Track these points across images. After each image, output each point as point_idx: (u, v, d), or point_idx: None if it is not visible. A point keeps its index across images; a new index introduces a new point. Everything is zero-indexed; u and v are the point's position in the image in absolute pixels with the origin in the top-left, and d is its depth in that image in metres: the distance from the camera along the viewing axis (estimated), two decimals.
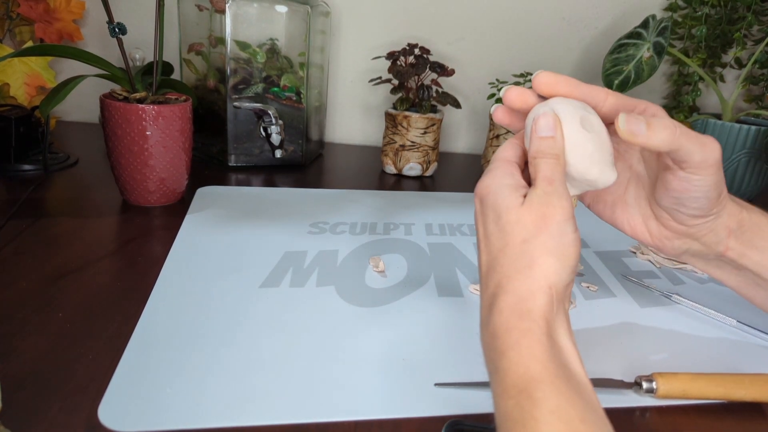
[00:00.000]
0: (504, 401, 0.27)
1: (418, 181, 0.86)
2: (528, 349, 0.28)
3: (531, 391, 0.27)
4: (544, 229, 0.32)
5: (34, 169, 0.73)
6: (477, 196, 0.36)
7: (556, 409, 0.26)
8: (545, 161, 0.34)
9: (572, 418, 0.25)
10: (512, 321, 0.30)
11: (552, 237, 0.31)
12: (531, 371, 0.27)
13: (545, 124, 0.35)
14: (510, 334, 0.29)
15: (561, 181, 0.34)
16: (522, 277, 0.31)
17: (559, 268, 0.31)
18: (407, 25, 1.02)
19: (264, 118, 0.79)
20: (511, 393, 0.27)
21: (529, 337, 0.29)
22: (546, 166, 0.34)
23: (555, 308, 0.30)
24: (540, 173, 0.34)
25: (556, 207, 0.32)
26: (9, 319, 0.41)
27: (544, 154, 0.34)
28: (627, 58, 0.84)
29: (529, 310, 0.30)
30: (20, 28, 0.89)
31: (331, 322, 0.45)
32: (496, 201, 0.34)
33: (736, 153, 0.84)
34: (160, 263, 0.52)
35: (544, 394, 0.26)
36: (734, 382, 0.39)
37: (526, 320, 0.30)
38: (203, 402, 0.35)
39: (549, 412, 0.26)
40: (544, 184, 0.33)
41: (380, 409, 0.36)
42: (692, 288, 0.57)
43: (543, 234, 0.32)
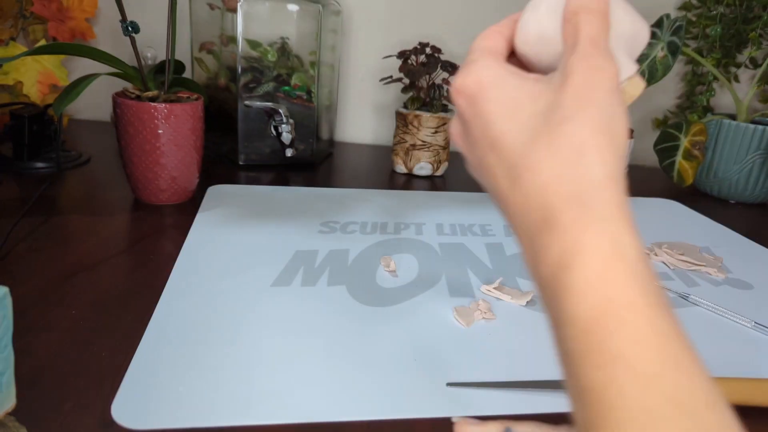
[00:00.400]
0: (543, 269, 0.22)
1: (428, 181, 0.86)
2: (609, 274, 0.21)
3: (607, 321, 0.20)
4: (589, 101, 0.24)
5: (46, 167, 0.74)
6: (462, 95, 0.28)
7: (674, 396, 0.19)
8: (589, 18, 0.26)
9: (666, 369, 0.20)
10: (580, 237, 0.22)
11: (601, 109, 0.24)
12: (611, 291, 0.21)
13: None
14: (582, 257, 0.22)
15: (605, 41, 0.26)
16: (576, 170, 0.23)
17: (614, 150, 0.23)
18: (418, 23, 1.02)
19: (275, 117, 0.79)
20: (562, 261, 0.22)
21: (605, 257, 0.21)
22: (590, 24, 0.26)
23: (627, 209, 0.23)
24: (582, 32, 0.26)
25: (605, 71, 0.25)
26: (23, 316, 0.42)
27: (589, 9, 0.26)
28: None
29: (599, 213, 0.22)
30: (33, 26, 0.90)
31: (342, 322, 0.45)
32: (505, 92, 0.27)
33: (750, 154, 0.83)
34: (171, 261, 0.52)
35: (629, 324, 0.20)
36: (752, 387, 0.38)
37: (596, 228, 0.22)
38: (215, 400, 0.35)
39: (627, 311, 0.20)
40: (587, 44, 0.25)
41: (393, 409, 0.36)
42: (707, 289, 0.56)
43: (590, 107, 0.24)
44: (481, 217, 0.71)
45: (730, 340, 0.47)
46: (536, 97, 0.26)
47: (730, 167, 0.85)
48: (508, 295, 0.50)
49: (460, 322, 0.46)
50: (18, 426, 0.31)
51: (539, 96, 0.26)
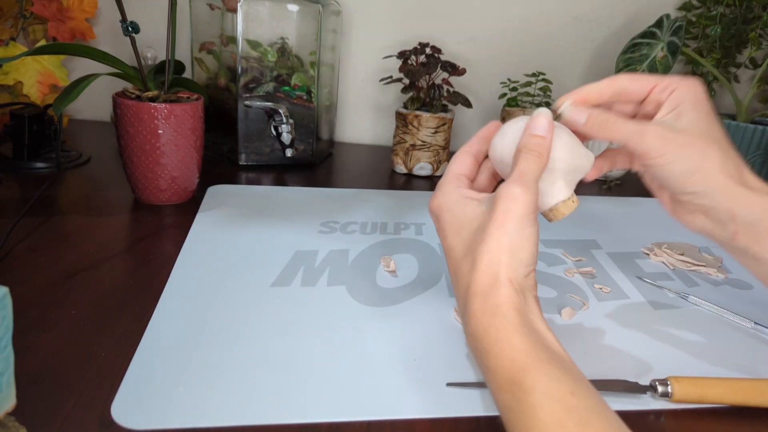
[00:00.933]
0: (501, 395, 0.30)
1: (428, 181, 0.86)
2: (508, 343, 0.30)
3: (521, 381, 0.29)
4: (503, 226, 0.33)
5: (46, 167, 0.74)
6: (432, 214, 0.38)
7: (547, 390, 0.28)
8: (526, 156, 0.36)
9: (563, 393, 0.28)
10: (486, 320, 0.32)
11: (508, 234, 0.33)
12: (516, 362, 0.29)
13: (539, 124, 0.36)
14: (488, 333, 0.31)
15: (534, 176, 0.35)
16: (484, 275, 0.33)
17: (514, 263, 0.33)
18: (418, 24, 1.02)
19: (275, 117, 0.79)
20: (504, 387, 0.29)
21: (505, 331, 0.31)
22: (525, 160, 0.35)
23: (522, 297, 0.32)
24: (516, 166, 0.35)
25: (519, 200, 0.33)
26: (23, 316, 0.42)
27: (529, 149, 0.36)
28: (641, 58, 0.83)
29: (497, 306, 0.32)
30: (33, 26, 0.90)
31: (342, 322, 0.45)
32: (454, 215, 0.36)
33: (750, 154, 0.83)
34: (171, 261, 0.52)
35: (533, 380, 0.28)
36: (752, 388, 0.38)
37: (497, 316, 0.31)
38: (215, 400, 0.35)
39: (541, 394, 0.28)
40: (515, 175, 0.35)
41: (393, 409, 0.36)
42: (707, 290, 0.56)
43: (499, 231, 0.33)
44: None
45: (730, 340, 0.47)
46: (473, 219, 0.35)
47: None
48: None
49: (460, 322, 0.46)
50: (18, 426, 0.31)
51: (475, 218, 0.35)
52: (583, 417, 0.27)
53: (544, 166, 0.36)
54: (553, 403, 0.27)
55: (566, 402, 0.27)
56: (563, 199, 0.38)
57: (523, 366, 0.29)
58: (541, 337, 0.31)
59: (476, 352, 0.32)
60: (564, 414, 0.27)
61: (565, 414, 0.27)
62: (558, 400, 0.27)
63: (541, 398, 0.27)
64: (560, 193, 0.38)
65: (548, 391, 0.28)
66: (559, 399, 0.27)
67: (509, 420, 0.29)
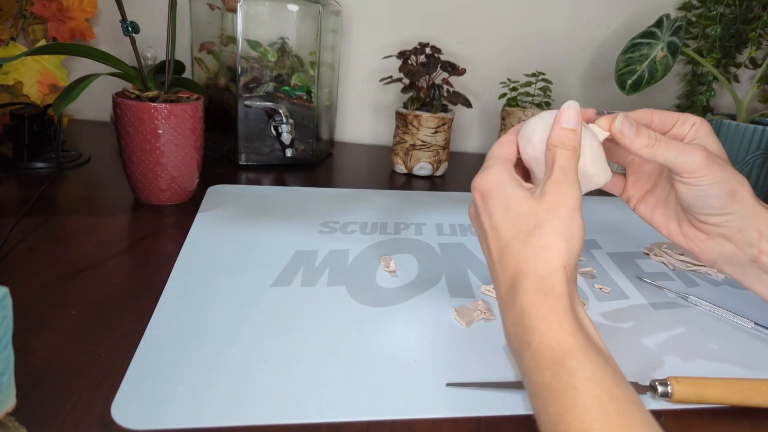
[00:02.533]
0: (539, 373, 0.30)
1: (428, 181, 0.86)
2: (558, 323, 0.31)
3: (566, 361, 0.29)
4: (556, 215, 0.34)
5: (46, 167, 0.74)
6: (477, 191, 0.38)
7: (592, 376, 0.28)
8: (563, 152, 0.36)
9: (607, 382, 0.28)
10: (538, 298, 0.32)
11: (562, 222, 0.34)
12: (563, 343, 0.30)
13: (569, 117, 0.37)
14: (538, 311, 0.32)
15: (575, 172, 0.36)
16: (540, 258, 0.33)
17: (569, 250, 0.33)
18: (418, 24, 1.02)
19: (275, 117, 0.79)
20: (545, 364, 0.29)
21: (556, 312, 0.31)
22: (563, 156, 0.36)
23: (570, 286, 0.33)
24: (557, 163, 0.36)
25: (568, 195, 0.35)
26: (23, 316, 0.42)
27: (564, 144, 0.37)
28: (641, 58, 0.83)
29: (551, 287, 0.32)
30: (33, 26, 0.90)
31: (342, 322, 0.45)
32: (504, 194, 0.36)
33: (750, 154, 0.83)
34: (171, 261, 0.52)
35: (579, 363, 0.28)
36: (752, 388, 0.38)
37: (551, 297, 0.32)
38: (215, 400, 0.35)
39: (586, 378, 0.28)
40: (559, 173, 0.36)
41: (392, 410, 0.36)
42: (707, 290, 0.56)
43: (555, 219, 0.34)
44: None
45: (730, 341, 0.47)
46: (521, 202, 0.35)
47: None
48: None
49: (460, 322, 0.46)
50: (18, 426, 0.31)
51: (524, 202, 0.35)
52: (625, 407, 0.27)
53: (578, 159, 0.37)
54: (597, 389, 0.27)
55: (610, 390, 0.27)
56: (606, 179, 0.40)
57: (569, 348, 0.29)
58: (587, 328, 0.32)
59: (519, 329, 0.32)
60: (607, 401, 0.27)
61: (608, 401, 0.27)
62: (602, 387, 0.27)
63: (586, 382, 0.28)
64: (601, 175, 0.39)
65: (593, 376, 0.28)
66: (603, 386, 0.27)
67: (545, 398, 0.29)
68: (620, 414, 0.26)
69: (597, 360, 0.29)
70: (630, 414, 0.27)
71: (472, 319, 0.46)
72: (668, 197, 0.46)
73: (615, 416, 0.26)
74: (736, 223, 0.41)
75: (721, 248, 0.43)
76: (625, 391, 0.28)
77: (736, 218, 0.41)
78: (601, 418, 0.26)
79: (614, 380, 0.28)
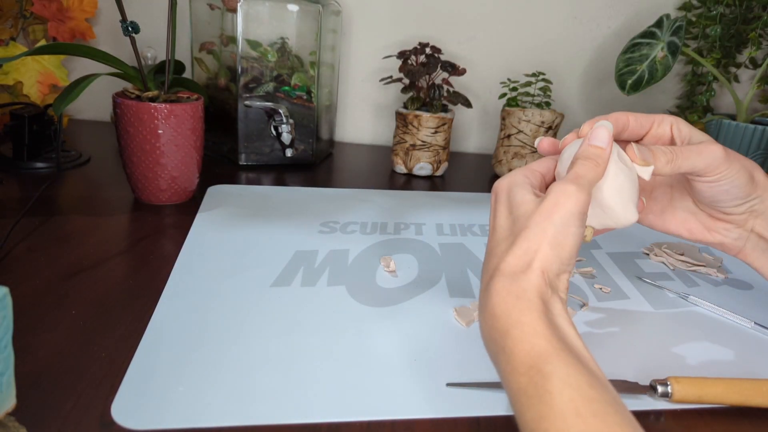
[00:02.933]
0: (515, 378, 0.29)
1: (428, 181, 0.86)
2: (530, 327, 0.30)
3: (540, 366, 0.28)
4: (548, 218, 0.33)
5: (46, 167, 0.74)
6: (493, 192, 0.38)
7: (567, 379, 0.27)
8: (583, 162, 0.35)
9: (582, 385, 0.27)
10: (510, 301, 0.31)
11: (554, 226, 0.32)
12: (537, 347, 0.29)
13: (601, 135, 0.36)
14: (510, 315, 0.31)
15: (589, 181, 0.34)
16: (518, 261, 0.32)
17: (551, 256, 0.32)
18: (418, 24, 1.02)
19: (275, 117, 0.79)
20: (521, 370, 0.29)
21: (529, 316, 0.30)
22: (582, 166, 0.35)
23: (548, 291, 0.32)
24: (573, 169, 0.35)
25: (571, 197, 0.33)
26: (23, 316, 0.42)
27: (587, 157, 0.36)
28: (641, 58, 0.83)
29: (524, 290, 0.31)
30: (33, 26, 0.90)
31: (342, 322, 0.45)
32: (510, 196, 0.36)
33: (750, 154, 0.83)
34: (171, 261, 0.52)
35: (554, 367, 0.28)
36: (752, 388, 0.38)
37: (523, 300, 0.31)
38: (215, 400, 0.35)
39: (561, 382, 0.27)
40: (571, 176, 0.34)
41: (392, 410, 0.36)
42: (707, 290, 0.56)
43: (546, 222, 0.33)
44: (480, 217, 0.71)
45: (730, 341, 0.47)
46: (523, 205, 0.35)
47: None
48: None
49: (460, 322, 0.46)
50: (18, 426, 0.31)
51: (525, 205, 0.35)
52: (600, 409, 0.27)
53: (599, 176, 0.35)
54: (572, 392, 0.27)
55: (584, 393, 0.27)
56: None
57: (543, 352, 0.29)
58: (562, 332, 0.31)
59: (492, 332, 0.32)
60: (582, 404, 0.27)
61: (582, 404, 0.27)
62: (576, 390, 0.27)
63: (560, 385, 0.27)
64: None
65: (567, 379, 0.27)
66: (578, 389, 0.27)
67: (522, 404, 0.28)
68: (596, 416, 0.26)
69: (572, 363, 0.28)
70: (606, 415, 0.26)
71: (472, 319, 0.46)
72: (673, 201, 0.45)
73: (591, 419, 0.26)
74: (760, 205, 0.42)
75: (747, 235, 0.43)
76: (601, 393, 0.27)
77: (760, 200, 0.41)
78: (577, 422, 0.26)
79: (590, 382, 0.28)
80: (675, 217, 0.45)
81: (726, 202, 0.42)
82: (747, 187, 0.40)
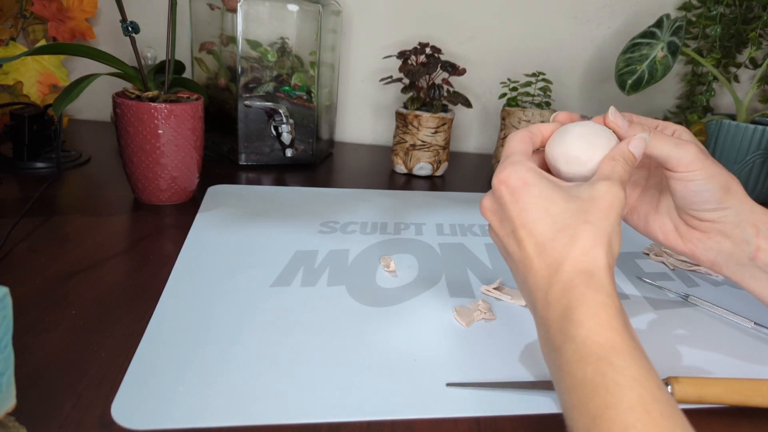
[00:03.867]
0: (581, 367, 0.30)
1: (428, 181, 0.86)
2: (607, 321, 0.31)
3: (612, 359, 0.29)
4: (607, 216, 0.34)
5: (46, 167, 0.74)
6: (505, 186, 0.37)
7: (638, 376, 0.28)
8: (624, 164, 0.38)
9: (651, 385, 0.28)
10: (589, 295, 0.32)
11: (611, 225, 0.34)
12: (611, 341, 0.30)
13: (639, 147, 0.39)
14: (588, 307, 0.32)
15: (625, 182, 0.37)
16: (589, 257, 0.33)
17: (611, 252, 0.34)
18: (418, 24, 1.02)
19: (275, 117, 0.79)
20: (590, 360, 0.29)
21: (606, 310, 0.31)
22: (624, 169, 0.38)
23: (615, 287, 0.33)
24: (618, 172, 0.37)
25: (621, 200, 0.35)
26: (23, 316, 0.42)
27: (626, 160, 0.38)
28: (641, 58, 0.83)
29: (602, 285, 0.32)
30: (33, 26, 0.90)
31: (342, 322, 0.45)
32: (542, 191, 0.36)
33: (750, 154, 0.83)
34: (171, 261, 0.52)
35: (626, 362, 0.29)
36: (752, 388, 0.38)
37: (601, 294, 0.32)
38: (215, 400, 0.35)
39: (632, 378, 0.28)
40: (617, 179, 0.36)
41: (392, 410, 0.36)
42: (707, 290, 0.56)
43: (605, 220, 0.34)
44: (480, 217, 0.70)
45: (730, 341, 0.47)
46: (569, 199, 0.36)
47: (730, 167, 0.85)
48: (508, 296, 0.50)
49: (460, 322, 0.46)
50: (18, 426, 0.31)
51: (572, 199, 0.36)
52: (667, 410, 0.27)
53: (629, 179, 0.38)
54: (641, 389, 0.28)
55: (653, 392, 0.28)
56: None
57: (617, 346, 0.30)
58: (633, 330, 0.32)
59: (563, 321, 0.32)
60: (651, 402, 0.27)
61: (652, 402, 0.27)
62: (646, 388, 0.28)
63: (631, 381, 0.28)
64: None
65: (638, 376, 0.28)
66: (648, 387, 0.28)
67: (586, 393, 0.29)
68: (663, 416, 0.27)
69: (642, 362, 0.29)
70: (672, 417, 0.27)
71: (472, 319, 0.46)
72: (658, 204, 0.47)
73: (658, 417, 0.27)
74: (733, 217, 0.42)
75: (719, 246, 0.43)
76: (668, 396, 0.28)
77: (732, 213, 0.42)
78: (643, 417, 0.26)
79: (658, 383, 0.28)
80: (656, 220, 0.47)
81: (697, 205, 0.42)
82: (719, 193, 0.41)
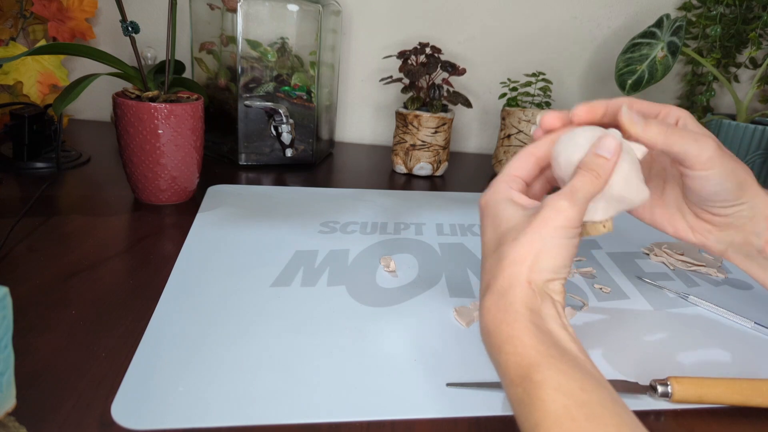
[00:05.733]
0: (512, 390, 0.30)
1: (428, 181, 0.86)
2: (519, 340, 0.31)
3: (531, 376, 0.29)
4: (537, 230, 0.33)
5: (47, 167, 0.74)
6: (479, 207, 0.38)
7: (558, 386, 0.28)
8: (584, 174, 0.35)
9: (573, 389, 0.28)
10: (499, 316, 0.32)
11: (542, 239, 0.33)
12: (527, 358, 0.30)
13: (607, 145, 0.35)
14: (500, 330, 0.32)
15: (585, 195, 0.34)
16: (505, 273, 0.33)
17: (537, 266, 0.33)
18: (418, 24, 1.02)
19: (275, 117, 0.79)
20: (515, 381, 0.30)
21: (516, 329, 0.31)
22: (581, 178, 0.35)
23: (538, 299, 0.32)
24: (572, 181, 0.35)
25: (561, 213, 0.33)
26: (23, 316, 0.42)
27: (589, 168, 0.35)
28: (641, 58, 0.83)
29: (510, 303, 0.32)
30: (33, 26, 0.90)
31: (342, 322, 0.45)
32: (497, 214, 0.36)
33: (750, 154, 0.83)
34: (171, 261, 0.52)
35: (544, 375, 0.29)
36: (752, 388, 0.38)
37: (510, 313, 0.32)
38: (215, 400, 0.35)
39: (552, 390, 0.28)
40: (567, 189, 0.34)
41: (392, 410, 0.36)
42: (707, 290, 0.56)
43: (534, 234, 0.33)
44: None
45: (730, 341, 0.47)
46: (511, 219, 0.35)
47: None
48: None
49: (460, 322, 0.46)
50: (18, 426, 0.31)
51: (514, 219, 0.35)
52: (594, 411, 0.27)
53: (599, 189, 0.35)
54: (564, 398, 0.28)
55: (577, 397, 0.28)
56: (596, 219, 0.37)
57: (532, 362, 0.30)
58: (553, 337, 0.31)
59: (489, 348, 0.33)
60: (575, 408, 0.27)
61: (576, 408, 0.27)
62: (568, 395, 0.28)
63: (551, 392, 0.28)
64: (595, 213, 0.36)
65: (558, 386, 0.28)
66: (570, 394, 0.28)
67: (521, 414, 0.29)
68: (589, 419, 0.27)
69: (563, 369, 0.29)
70: (599, 417, 0.27)
71: (472, 319, 0.46)
72: (664, 195, 0.45)
73: (584, 422, 0.27)
74: (748, 212, 0.40)
75: (731, 239, 0.42)
76: (593, 395, 0.28)
77: (747, 207, 0.40)
78: (571, 426, 0.27)
79: (582, 386, 0.28)
80: (664, 211, 0.45)
81: (713, 203, 0.41)
82: (737, 191, 0.39)
